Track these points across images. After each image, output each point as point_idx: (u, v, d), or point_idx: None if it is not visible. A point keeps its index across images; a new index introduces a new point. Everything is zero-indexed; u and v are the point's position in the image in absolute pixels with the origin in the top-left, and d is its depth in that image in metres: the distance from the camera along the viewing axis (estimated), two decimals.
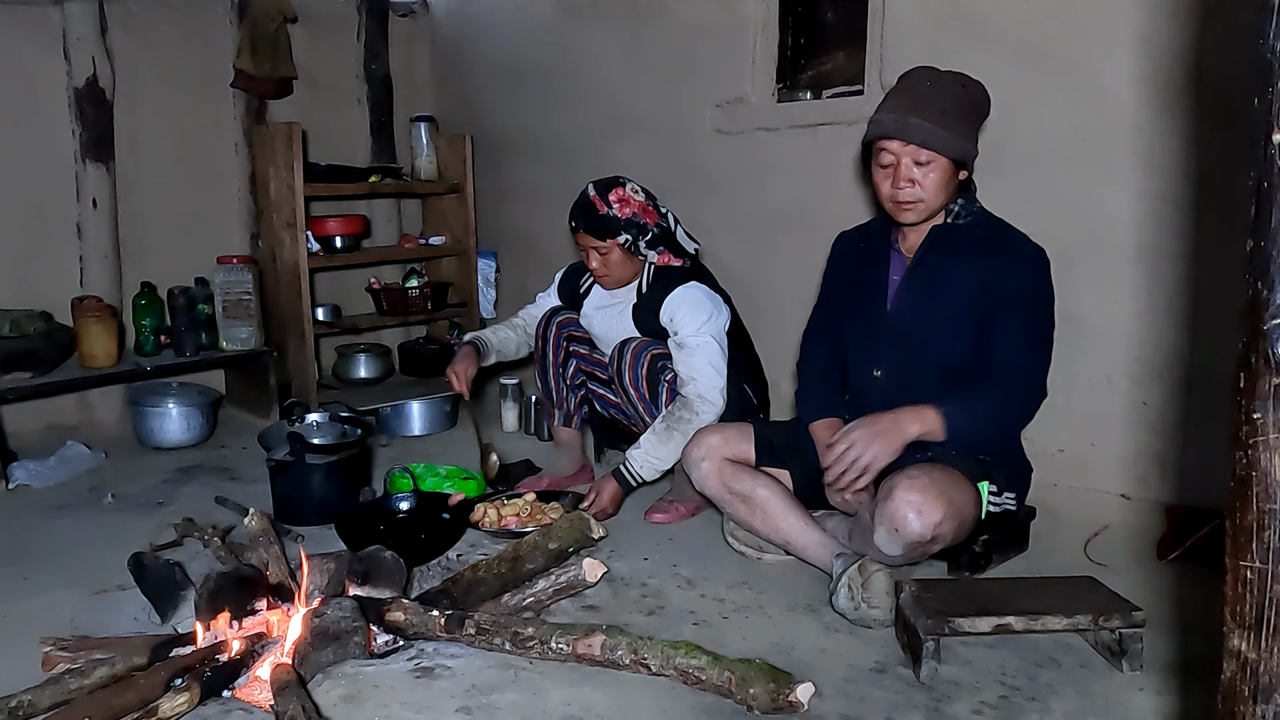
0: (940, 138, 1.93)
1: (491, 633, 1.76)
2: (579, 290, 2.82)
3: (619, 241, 2.52)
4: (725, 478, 2.24)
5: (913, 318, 2.10)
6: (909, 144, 1.95)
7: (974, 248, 2.04)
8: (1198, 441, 2.33)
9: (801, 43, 3.18)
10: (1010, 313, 2.01)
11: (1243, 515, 0.84)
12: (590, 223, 2.52)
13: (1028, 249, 2.06)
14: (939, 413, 1.97)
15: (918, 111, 1.92)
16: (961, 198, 2.07)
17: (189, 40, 3.69)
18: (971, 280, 2.03)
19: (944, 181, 1.99)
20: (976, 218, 2.08)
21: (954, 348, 2.06)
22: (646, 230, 2.53)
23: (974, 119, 2.00)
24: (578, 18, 3.68)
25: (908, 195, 1.99)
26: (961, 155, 1.98)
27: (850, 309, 2.25)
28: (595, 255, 2.56)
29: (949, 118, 1.93)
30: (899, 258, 2.16)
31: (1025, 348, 2.03)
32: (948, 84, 1.97)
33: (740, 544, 2.32)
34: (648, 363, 2.51)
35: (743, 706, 1.59)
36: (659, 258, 2.58)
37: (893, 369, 2.14)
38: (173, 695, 1.56)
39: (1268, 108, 0.78)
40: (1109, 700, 1.66)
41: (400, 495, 2.60)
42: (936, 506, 1.87)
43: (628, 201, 2.53)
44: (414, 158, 4.05)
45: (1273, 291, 0.79)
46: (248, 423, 3.54)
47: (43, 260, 3.44)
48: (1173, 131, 2.29)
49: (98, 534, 2.50)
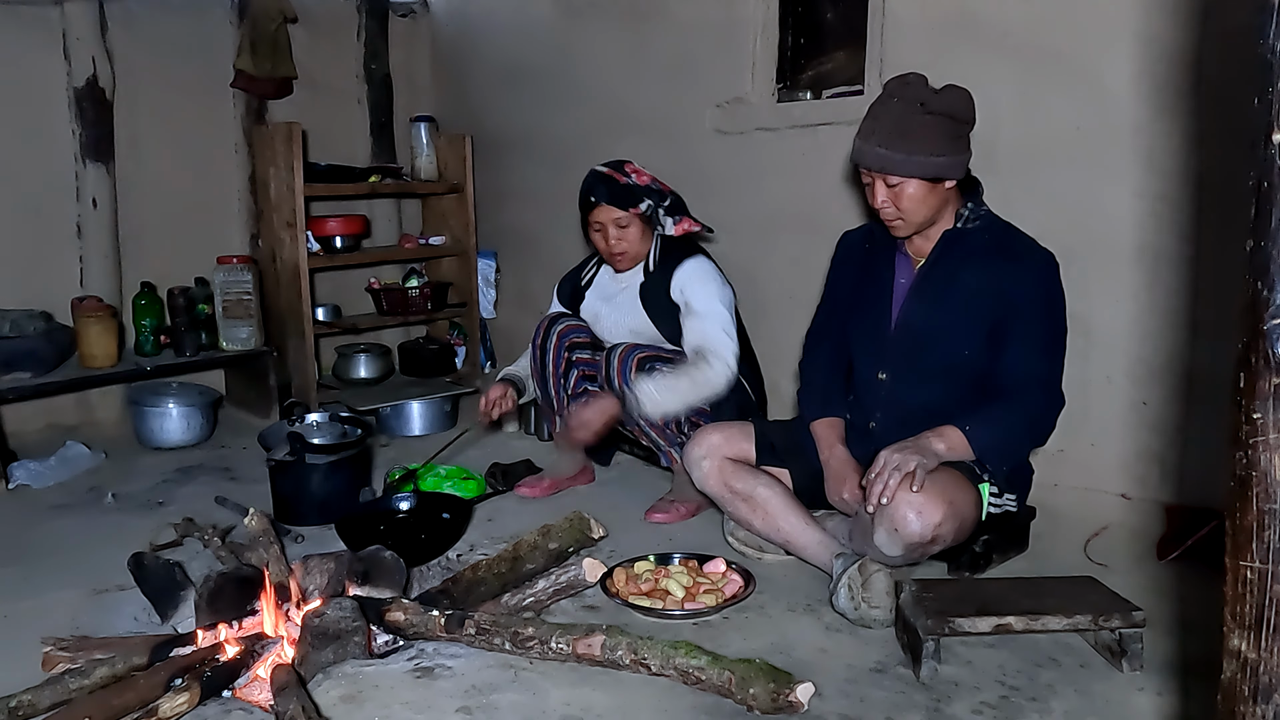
0: (897, 162, 1.91)
1: (491, 633, 1.76)
2: (580, 285, 2.82)
3: (640, 210, 2.54)
4: (726, 476, 2.23)
5: (923, 323, 2.08)
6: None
7: (986, 253, 2.04)
8: (1198, 441, 2.33)
9: (801, 43, 3.18)
10: (1025, 323, 2.00)
11: (1243, 515, 0.84)
12: (612, 193, 2.54)
13: (1038, 254, 2.06)
14: (961, 432, 1.97)
15: (877, 135, 1.92)
16: (970, 201, 2.07)
17: (189, 40, 3.69)
18: (984, 286, 2.02)
19: (921, 197, 1.97)
20: (985, 221, 2.07)
21: (962, 353, 2.06)
22: (665, 196, 2.58)
23: (945, 131, 1.92)
24: (578, 18, 3.68)
25: (887, 214, 2.01)
26: (929, 173, 1.93)
27: (855, 311, 2.24)
28: (614, 230, 2.56)
29: (910, 139, 1.90)
30: (905, 260, 2.15)
31: (1042, 359, 2.02)
32: (910, 102, 1.91)
33: (740, 544, 2.32)
34: (635, 364, 2.49)
35: (743, 706, 1.59)
36: (677, 227, 2.59)
37: (899, 372, 2.14)
38: (173, 695, 1.56)
39: (1268, 108, 0.78)
40: (1109, 700, 1.66)
41: (400, 495, 2.60)
42: (937, 507, 1.87)
43: (641, 173, 2.61)
44: (414, 158, 4.05)
45: (1273, 291, 0.79)
46: (248, 423, 3.54)
47: (43, 260, 3.45)
48: (1173, 131, 2.29)
49: (98, 534, 2.50)
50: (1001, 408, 2.01)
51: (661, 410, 2.44)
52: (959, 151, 1.96)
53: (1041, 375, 2.02)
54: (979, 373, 2.06)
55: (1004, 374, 2.02)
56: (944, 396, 2.05)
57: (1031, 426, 2.05)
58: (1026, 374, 2.00)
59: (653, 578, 2.12)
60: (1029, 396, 2.01)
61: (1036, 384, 2.01)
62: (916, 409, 2.05)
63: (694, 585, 2.07)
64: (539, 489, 2.80)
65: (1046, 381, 2.03)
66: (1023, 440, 2.09)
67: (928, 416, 2.01)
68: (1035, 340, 2.01)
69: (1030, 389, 2.00)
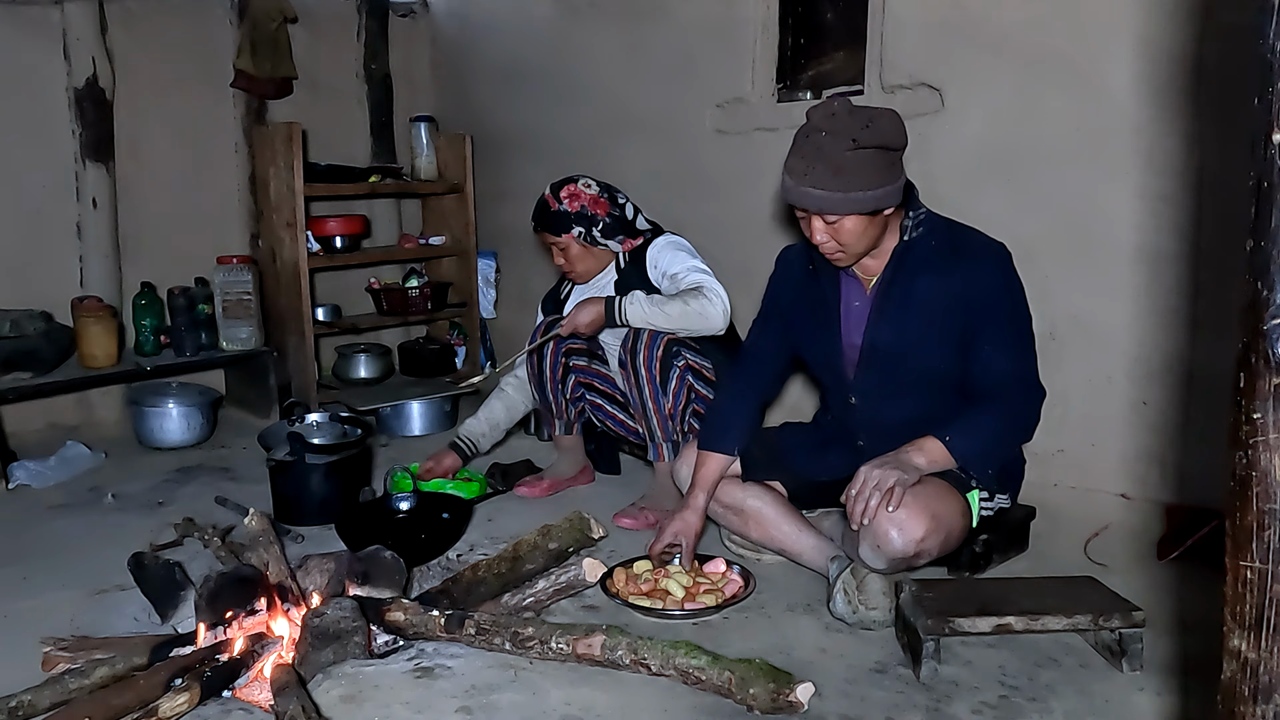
0: (837, 200, 1.83)
1: (491, 633, 1.76)
2: (560, 298, 2.87)
3: (573, 235, 2.64)
4: (715, 492, 2.22)
5: (891, 343, 2.02)
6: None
7: (938, 260, 1.97)
8: (1198, 441, 2.33)
9: (801, 43, 3.18)
10: (991, 322, 1.95)
11: (1243, 515, 0.84)
12: (544, 220, 2.68)
13: (990, 250, 2.00)
14: (941, 443, 1.94)
15: (811, 175, 1.83)
16: (910, 211, 2.00)
17: (189, 40, 3.69)
18: (944, 294, 1.96)
19: (861, 230, 1.89)
20: (929, 226, 2.00)
21: (936, 364, 2.01)
22: (597, 221, 2.63)
23: (879, 162, 1.83)
24: (578, 18, 3.68)
25: (828, 249, 1.94)
26: (868, 208, 1.86)
27: (805, 338, 2.18)
28: (556, 251, 2.70)
29: (843, 176, 1.80)
30: (853, 281, 2.08)
31: (1013, 356, 1.98)
32: (840, 137, 1.80)
33: (738, 547, 2.32)
34: (663, 345, 2.48)
35: (743, 706, 1.59)
36: (623, 246, 2.68)
37: (870, 394, 2.09)
38: (173, 695, 1.56)
39: (1268, 108, 0.78)
40: (1109, 700, 1.66)
41: (400, 495, 2.60)
42: (919, 523, 1.84)
43: (577, 196, 2.64)
44: (414, 158, 4.05)
45: (1273, 291, 0.79)
46: (248, 423, 3.54)
47: (43, 260, 3.44)
48: (1173, 131, 2.29)
49: (98, 534, 2.50)
50: (980, 412, 1.97)
51: (645, 322, 2.46)
52: (894, 179, 1.88)
53: (1016, 371, 1.98)
54: (956, 379, 2.02)
55: (978, 376, 1.98)
56: (924, 408, 2.02)
57: (1013, 425, 2.02)
58: (1001, 373, 1.96)
59: (653, 578, 2.12)
60: (1007, 395, 1.97)
61: (1012, 381, 1.97)
62: (898, 424, 2.01)
63: (694, 585, 2.07)
64: (539, 489, 2.80)
65: (1022, 376, 2.00)
66: (1005, 441, 2.06)
67: (911, 430, 1.97)
68: (1003, 337, 1.97)
69: (1007, 387, 1.97)
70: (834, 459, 2.17)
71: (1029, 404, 2.01)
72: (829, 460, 2.19)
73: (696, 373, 2.53)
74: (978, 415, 1.97)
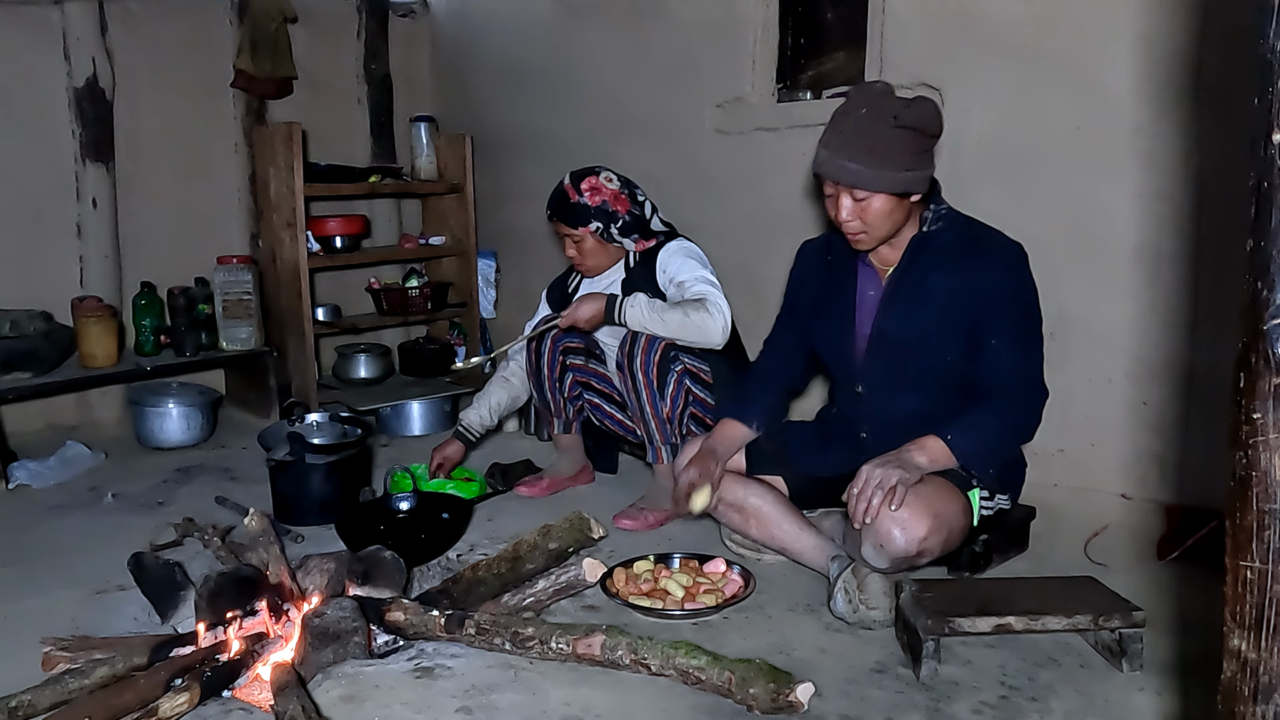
0: (869, 178, 1.86)
1: (491, 633, 1.76)
2: (568, 292, 2.84)
3: (590, 229, 2.60)
4: (717, 488, 2.22)
5: (899, 333, 2.04)
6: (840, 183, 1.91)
7: (953, 254, 1.99)
8: (1198, 441, 2.33)
9: (801, 43, 3.18)
10: (1001, 320, 1.96)
11: (1243, 515, 0.84)
12: (562, 211, 2.62)
13: (1006, 249, 2.01)
14: (943, 441, 1.94)
15: (847, 150, 1.86)
16: (931, 203, 2.02)
17: (189, 40, 3.69)
18: (956, 288, 1.98)
19: (887, 211, 1.92)
20: (949, 221, 2.03)
21: (944, 358, 2.02)
22: (617, 218, 2.60)
23: (914, 145, 1.87)
24: (578, 18, 3.68)
25: (851, 228, 1.96)
26: (898, 188, 1.89)
27: (820, 325, 2.20)
28: (570, 243, 2.66)
29: (878, 154, 1.84)
30: (870, 271, 2.10)
31: (1021, 355, 1.99)
32: (881, 114, 1.85)
33: (738, 546, 2.32)
34: (661, 349, 2.48)
35: (743, 706, 1.59)
36: (636, 245, 2.65)
37: (876, 384, 2.10)
38: (173, 695, 1.56)
39: (1268, 108, 0.78)
40: (1109, 700, 1.66)
41: (400, 495, 2.60)
42: (921, 522, 1.85)
43: (599, 190, 2.60)
44: (414, 158, 4.05)
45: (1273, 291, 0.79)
46: (248, 423, 3.54)
47: (43, 260, 3.45)
48: (1172, 132, 2.29)
49: (98, 534, 2.50)
50: (983, 410, 1.97)
51: (642, 326, 2.45)
52: (926, 166, 1.92)
53: (1021, 371, 1.99)
54: (962, 374, 2.03)
55: (984, 373, 1.99)
56: (929, 402, 2.03)
57: (1015, 425, 2.02)
58: (1006, 372, 1.97)
59: (653, 578, 2.12)
60: (1010, 395, 1.97)
61: (1017, 381, 1.98)
62: (902, 418, 2.02)
63: (694, 585, 2.07)
64: (539, 489, 2.81)
65: (1027, 376, 2.00)
66: (1007, 441, 2.06)
67: (915, 424, 1.98)
68: (1012, 336, 1.98)
69: (1011, 387, 1.97)
70: (837, 454, 2.17)
71: (1031, 404, 2.01)
72: (832, 455, 2.19)
73: (694, 376, 2.53)
74: (979, 414, 1.97)
